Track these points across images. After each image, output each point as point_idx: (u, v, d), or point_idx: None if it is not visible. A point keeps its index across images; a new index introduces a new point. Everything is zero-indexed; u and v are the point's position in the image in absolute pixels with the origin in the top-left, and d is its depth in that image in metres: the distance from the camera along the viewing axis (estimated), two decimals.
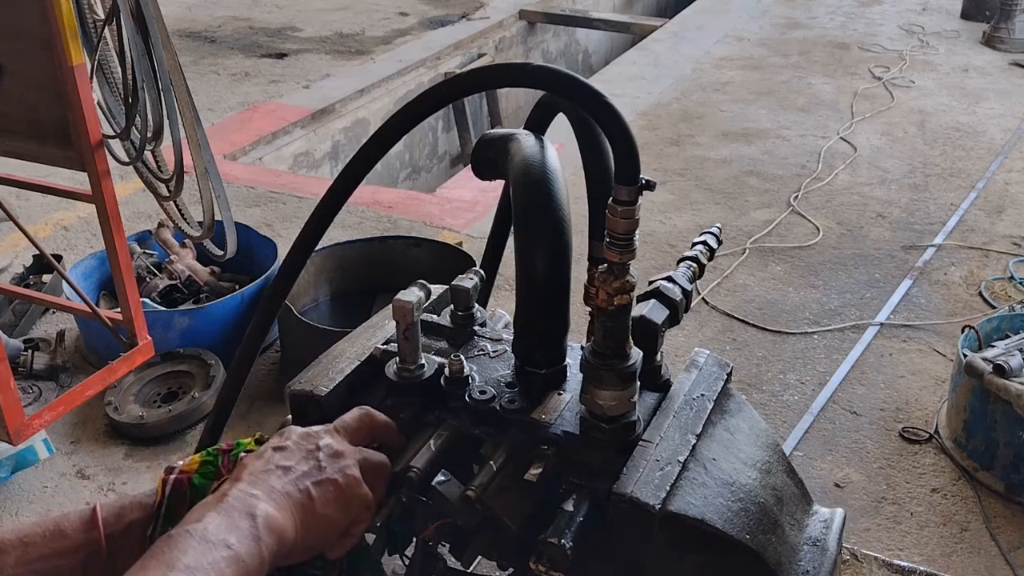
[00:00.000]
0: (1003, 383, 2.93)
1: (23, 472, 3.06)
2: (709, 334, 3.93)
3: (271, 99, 6.65)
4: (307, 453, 0.96)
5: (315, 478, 0.94)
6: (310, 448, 0.97)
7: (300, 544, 0.91)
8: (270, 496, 0.90)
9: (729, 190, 5.31)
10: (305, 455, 0.96)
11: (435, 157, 7.87)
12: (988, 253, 4.59)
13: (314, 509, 0.92)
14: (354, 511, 0.97)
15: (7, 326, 3.76)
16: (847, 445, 3.30)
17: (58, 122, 2.59)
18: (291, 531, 0.89)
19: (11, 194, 3.74)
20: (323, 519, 0.93)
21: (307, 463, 0.95)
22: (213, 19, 8.65)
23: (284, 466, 0.94)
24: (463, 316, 1.25)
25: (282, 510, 0.89)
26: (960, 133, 6.12)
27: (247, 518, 0.86)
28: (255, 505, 0.88)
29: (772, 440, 1.15)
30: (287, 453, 0.96)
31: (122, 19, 2.55)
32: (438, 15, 8.94)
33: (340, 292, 3.87)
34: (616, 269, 1.00)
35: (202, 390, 3.35)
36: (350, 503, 0.96)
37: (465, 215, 4.85)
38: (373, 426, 1.05)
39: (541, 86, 1.07)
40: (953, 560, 2.82)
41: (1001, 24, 7.80)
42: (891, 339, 3.91)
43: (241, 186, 5.14)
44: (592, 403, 1.03)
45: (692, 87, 6.99)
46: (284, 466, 0.94)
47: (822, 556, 1.08)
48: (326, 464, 0.96)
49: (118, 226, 2.80)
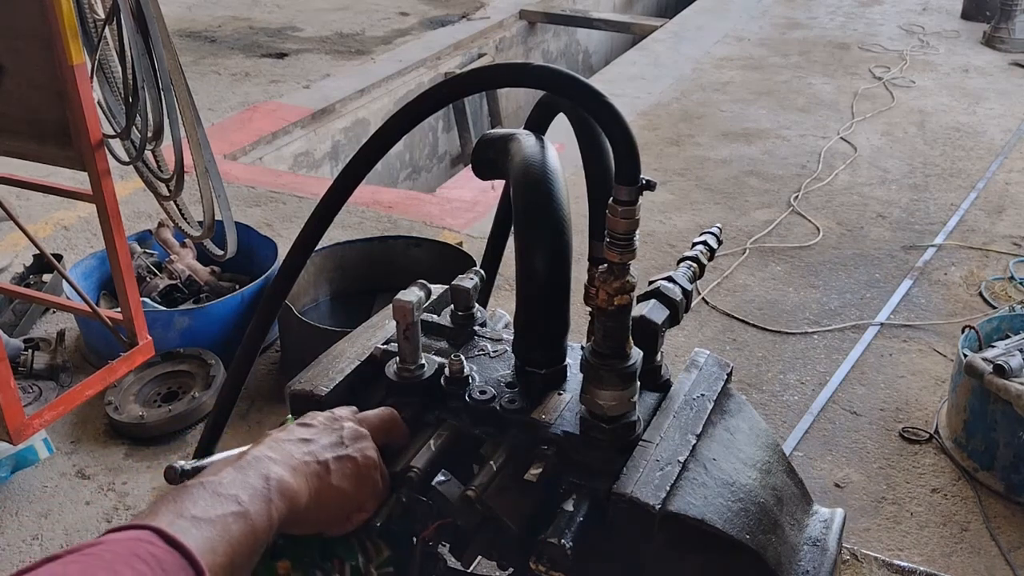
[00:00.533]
0: (1003, 383, 2.93)
1: (23, 472, 3.06)
2: (709, 334, 3.93)
3: (271, 99, 6.65)
4: (331, 431, 1.00)
5: (335, 452, 0.97)
6: (335, 428, 1.01)
7: (310, 514, 0.93)
8: (287, 461, 0.93)
9: (729, 190, 5.31)
10: (328, 432, 1.00)
11: (435, 157, 7.87)
12: (988, 253, 4.59)
13: (329, 481, 0.95)
14: (367, 491, 0.99)
15: (7, 326, 3.76)
16: (847, 445, 3.30)
17: (58, 122, 2.59)
18: (303, 498, 0.91)
19: (11, 194, 3.74)
20: (336, 492, 0.96)
21: (329, 438, 0.99)
22: (213, 19, 8.65)
23: (306, 438, 0.97)
24: (463, 316, 1.26)
25: (297, 476, 0.92)
26: (960, 133, 6.12)
27: (261, 478, 0.88)
28: (270, 467, 0.90)
29: (772, 440, 1.15)
30: (311, 430, 1.00)
31: (122, 19, 2.55)
32: (438, 15, 8.94)
33: (340, 292, 3.87)
34: (616, 269, 1.00)
35: (202, 390, 3.35)
36: (365, 482, 0.99)
37: (465, 215, 4.85)
38: (392, 427, 1.07)
39: (541, 86, 1.07)
40: (953, 560, 2.82)
41: (1001, 24, 7.80)
42: (891, 339, 3.91)
43: (241, 186, 5.14)
44: (592, 403, 1.03)
45: (692, 87, 6.99)
46: (306, 438, 0.97)
47: (822, 556, 1.08)
48: (348, 442, 0.99)
49: (118, 226, 2.79)
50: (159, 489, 3.05)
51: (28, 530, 2.92)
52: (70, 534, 2.90)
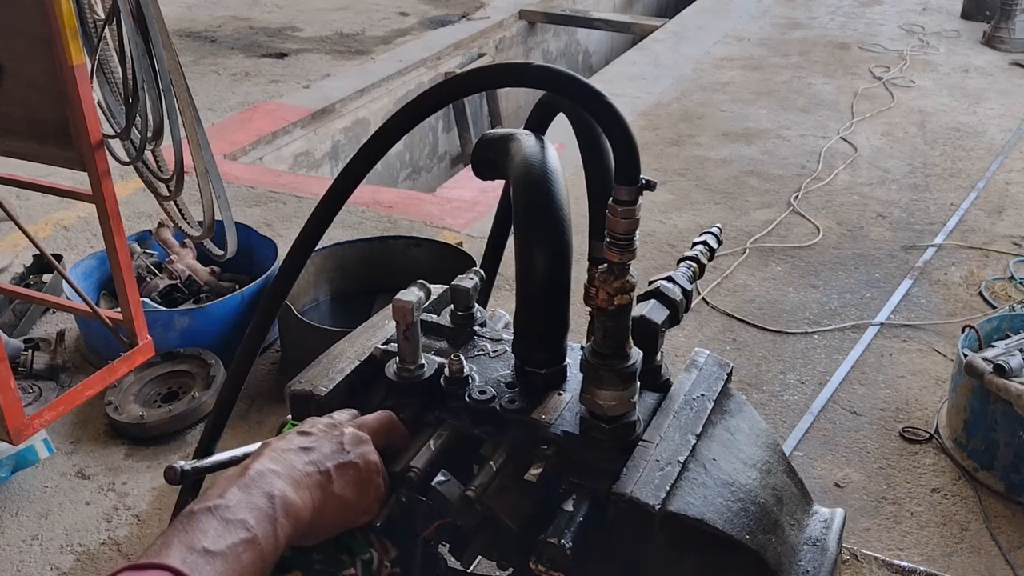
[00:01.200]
0: (1003, 383, 2.93)
1: (23, 472, 3.06)
2: (709, 334, 3.93)
3: (271, 99, 6.65)
4: (332, 437, 0.99)
5: (337, 460, 0.97)
6: (335, 434, 1.00)
7: (313, 526, 0.93)
8: (290, 474, 0.92)
9: (729, 190, 5.31)
10: (329, 439, 0.99)
11: (435, 157, 7.87)
12: (988, 253, 4.59)
13: (331, 490, 0.95)
14: (370, 497, 0.99)
15: (7, 326, 3.76)
16: (847, 445, 3.30)
17: (58, 122, 2.59)
18: (307, 513, 0.91)
19: (11, 194, 3.75)
20: (339, 500, 0.95)
21: (330, 445, 0.98)
22: (213, 19, 8.65)
23: (306, 447, 0.97)
24: (463, 316, 1.25)
25: (300, 490, 0.91)
26: (960, 133, 6.12)
27: (266, 497, 0.88)
28: (274, 483, 0.90)
29: (772, 440, 1.15)
30: (312, 438, 0.99)
31: (122, 19, 2.55)
32: (438, 15, 8.94)
33: (340, 292, 3.87)
34: (616, 269, 1.00)
35: (202, 390, 3.35)
36: (367, 487, 0.99)
37: (465, 215, 4.85)
38: (391, 431, 1.07)
39: (542, 86, 1.07)
40: (953, 560, 2.82)
41: (1001, 24, 7.79)
42: (891, 339, 3.91)
43: (241, 186, 5.14)
44: (592, 403, 1.03)
45: (692, 87, 6.99)
46: (306, 447, 0.97)
47: (822, 556, 1.08)
48: (349, 448, 0.99)
49: (118, 226, 2.79)
50: (159, 489, 3.05)
51: (28, 530, 2.92)
52: (70, 534, 2.90)
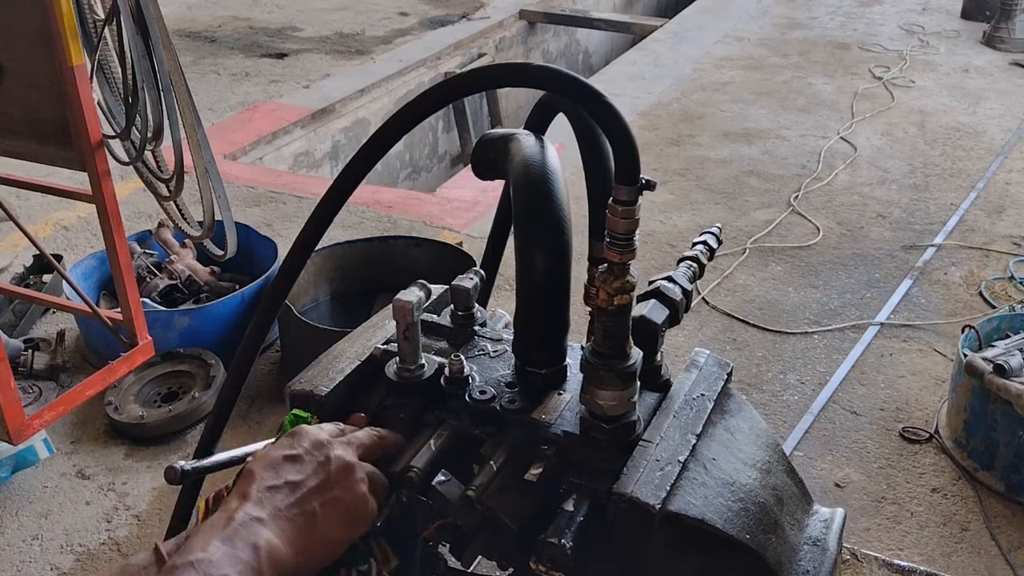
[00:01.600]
0: (1003, 383, 2.93)
1: (23, 472, 3.06)
2: (709, 334, 3.93)
3: (271, 99, 6.65)
4: (318, 466, 0.96)
5: (323, 498, 0.95)
6: (321, 460, 0.97)
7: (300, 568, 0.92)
8: (275, 520, 0.90)
9: (729, 190, 5.31)
10: (315, 468, 0.96)
11: (435, 157, 7.87)
12: (988, 253, 4.59)
13: (317, 530, 0.93)
14: (357, 530, 0.98)
15: (7, 326, 3.76)
16: (847, 445, 3.30)
17: (58, 122, 2.59)
18: (293, 558, 0.90)
19: (11, 194, 3.74)
20: (326, 540, 0.94)
21: (317, 477, 0.95)
22: (213, 19, 8.65)
23: (293, 481, 0.94)
24: (463, 316, 1.25)
25: (284, 535, 0.90)
26: (960, 133, 6.12)
27: (250, 549, 0.86)
28: (259, 533, 0.88)
29: (772, 440, 1.15)
30: (298, 466, 0.96)
31: (122, 19, 2.55)
32: (438, 15, 8.94)
33: (340, 292, 3.87)
34: (616, 269, 1.00)
35: (202, 390, 3.35)
36: (356, 522, 0.97)
37: (465, 215, 4.85)
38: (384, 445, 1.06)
39: (541, 86, 1.07)
40: (953, 560, 2.82)
41: (1001, 24, 7.79)
42: (891, 339, 3.91)
43: (241, 186, 5.14)
44: (592, 403, 1.03)
45: (692, 87, 6.99)
46: (293, 481, 0.94)
47: (822, 556, 1.08)
48: (335, 480, 0.96)
49: (118, 226, 2.80)
50: (159, 489, 3.05)
51: (28, 530, 2.92)
52: (70, 534, 2.90)
